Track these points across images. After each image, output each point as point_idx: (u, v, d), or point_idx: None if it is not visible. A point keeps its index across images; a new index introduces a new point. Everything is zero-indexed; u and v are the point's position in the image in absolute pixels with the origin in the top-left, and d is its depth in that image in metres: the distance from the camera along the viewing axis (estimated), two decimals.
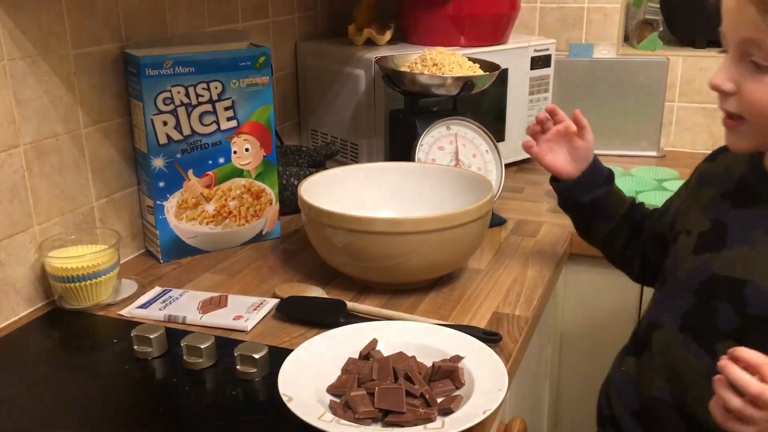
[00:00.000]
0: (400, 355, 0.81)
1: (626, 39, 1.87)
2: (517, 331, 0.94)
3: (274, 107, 1.21)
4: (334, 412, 0.72)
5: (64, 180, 1.04)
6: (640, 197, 1.39)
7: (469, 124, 1.24)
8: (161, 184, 1.11)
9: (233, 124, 1.15)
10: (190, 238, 1.17)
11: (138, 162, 1.15)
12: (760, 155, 0.83)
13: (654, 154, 1.72)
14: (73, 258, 0.98)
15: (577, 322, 1.39)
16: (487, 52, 1.43)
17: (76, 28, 1.02)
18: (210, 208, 1.17)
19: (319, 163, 1.43)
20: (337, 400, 0.75)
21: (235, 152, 1.16)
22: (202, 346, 0.85)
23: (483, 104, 1.48)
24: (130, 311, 0.99)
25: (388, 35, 1.48)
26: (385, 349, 0.83)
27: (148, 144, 1.09)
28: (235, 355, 0.84)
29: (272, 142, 1.20)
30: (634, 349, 0.92)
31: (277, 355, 0.82)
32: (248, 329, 0.94)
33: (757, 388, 0.64)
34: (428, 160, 1.21)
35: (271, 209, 1.23)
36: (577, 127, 1.01)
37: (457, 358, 0.81)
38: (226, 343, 0.89)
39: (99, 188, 1.10)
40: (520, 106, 1.56)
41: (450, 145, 1.23)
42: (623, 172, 1.56)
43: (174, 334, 0.91)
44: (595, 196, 1.02)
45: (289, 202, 1.30)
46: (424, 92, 1.22)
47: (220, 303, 1.00)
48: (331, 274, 1.09)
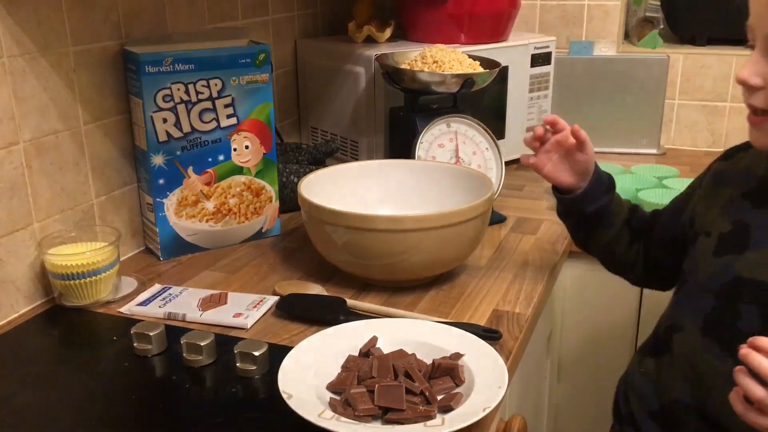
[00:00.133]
0: (400, 353, 0.81)
1: (626, 36, 1.87)
2: (517, 329, 0.94)
3: (274, 104, 1.21)
4: (334, 410, 0.72)
5: (64, 177, 1.04)
6: (641, 195, 1.39)
7: (469, 122, 1.24)
8: (161, 182, 1.11)
9: (233, 121, 1.15)
10: (190, 236, 1.17)
11: (138, 159, 1.15)
12: None
13: (654, 151, 1.72)
14: (72, 255, 0.98)
15: (577, 320, 1.39)
16: (488, 50, 1.43)
17: (75, 25, 1.02)
18: (210, 206, 1.17)
19: (319, 160, 1.43)
20: (337, 398, 0.75)
21: (235, 149, 1.16)
22: (202, 344, 0.85)
23: (483, 102, 1.48)
24: (129, 308, 0.99)
25: (388, 32, 1.48)
26: (385, 347, 0.83)
27: (147, 141, 1.09)
28: (235, 352, 0.84)
29: (272, 140, 1.20)
30: (654, 350, 0.91)
31: (277, 353, 0.82)
32: (248, 327, 0.94)
33: None
34: (428, 158, 1.21)
35: (270, 207, 1.23)
36: (576, 141, 0.97)
37: (457, 356, 0.81)
38: (225, 341, 0.89)
39: (99, 185, 1.10)
40: (521, 104, 1.56)
41: (450, 142, 1.23)
42: (623, 169, 1.56)
43: (174, 331, 0.91)
44: (600, 205, 0.99)
45: (289, 200, 1.30)
46: (424, 89, 1.22)
47: (219, 300, 1.00)
48: (331, 272, 1.09)
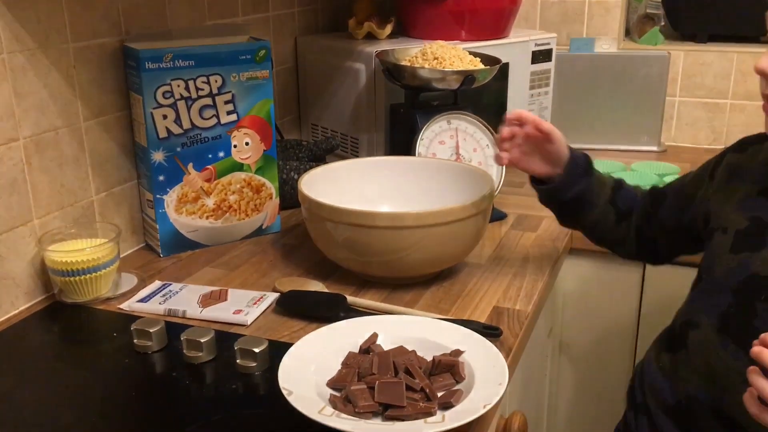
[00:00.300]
0: (401, 349, 0.81)
1: (627, 33, 1.87)
2: (518, 326, 0.94)
3: (275, 101, 1.21)
4: (335, 406, 0.72)
5: (64, 174, 1.04)
6: None
7: (469, 119, 1.24)
8: (161, 178, 1.11)
9: (233, 117, 1.15)
10: (190, 232, 1.17)
11: (138, 156, 1.14)
12: None
13: (655, 148, 1.72)
14: (72, 252, 0.98)
15: (577, 317, 1.39)
16: (488, 46, 1.43)
17: (75, 22, 1.02)
18: (210, 202, 1.17)
19: (320, 157, 1.43)
20: (338, 394, 0.75)
21: (235, 146, 1.16)
22: (202, 340, 0.85)
23: (484, 98, 1.47)
24: (129, 305, 0.99)
25: (389, 29, 1.48)
26: (386, 344, 0.83)
27: (147, 138, 1.08)
28: (235, 349, 0.84)
29: (272, 136, 1.20)
30: (670, 345, 0.90)
31: (277, 349, 0.82)
32: (248, 323, 0.94)
33: None
34: (429, 155, 1.21)
35: (271, 203, 1.23)
36: (542, 134, 0.97)
37: (458, 353, 0.81)
38: (226, 337, 0.89)
39: (99, 182, 1.10)
40: (521, 101, 1.55)
41: (450, 139, 1.23)
42: (624, 166, 1.56)
43: (174, 328, 0.91)
44: (578, 190, 0.99)
45: (290, 197, 1.30)
46: (425, 86, 1.22)
47: (220, 297, 1.00)
48: (332, 269, 1.09)
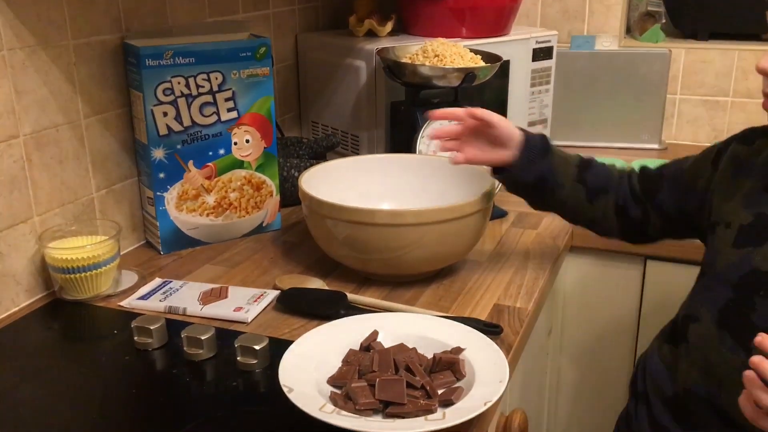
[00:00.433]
0: (401, 347, 0.81)
1: (628, 31, 1.86)
2: (518, 323, 0.94)
3: (275, 98, 1.20)
4: (335, 403, 0.72)
5: (64, 171, 1.04)
6: None
7: None
8: (161, 175, 1.11)
9: (234, 115, 1.15)
10: (191, 230, 1.17)
11: (138, 153, 1.14)
12: None
13: (656, 146, 1.72)
14: (73, 249, 0.98)
15: (577, 314, 1.39)
16: (489, 44, 1.43)
17: (75, 18, 1.02)
18: (210, 200, 1.17)
19: (320, 154, 1.43)
20: (338, 392, 0.75)
21: (236, 143, 1.16)
22: (203, 338, 0.85)
23: (484, 96, 1.47)
24: (130, 302, 0.99)
25: (389, 26, 1.47)
26: (386, 341, 0.83)
27: (148, 135, 1.08)
28: (236, 346, 0.84)
29: (273, 134, 1.19)
30: (672, 338, 0.91)
31: (278, 347, 0.82)
32: (249, 320, 0.94)
33: None
34: (429, 152, 1.21)
35: (271, 201, 1.23)
36: (479, 120, 0.97)
37: (458, 350, 0.81)
38: (226, 335, 0.89)
39: (99, 179, 1.10)
40: (522, 98, 1.55)
41: None
42: (624, 164, 1.56)
43: (174, 325, 0.91)
44: (538, 171, 0.98)
45: (290, 194, 1.30)
46: (426, 84, 1.22)
47: (220, 294, 1.00)
48: (332, 266, 1.08)
